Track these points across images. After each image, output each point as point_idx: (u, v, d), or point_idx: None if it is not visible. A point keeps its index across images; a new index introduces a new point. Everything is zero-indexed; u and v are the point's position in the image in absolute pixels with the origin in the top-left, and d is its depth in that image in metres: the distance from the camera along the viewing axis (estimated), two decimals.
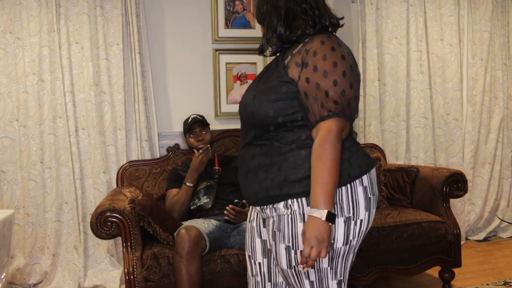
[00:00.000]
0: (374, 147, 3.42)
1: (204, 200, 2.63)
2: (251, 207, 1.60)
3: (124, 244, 2.30)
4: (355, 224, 1.35)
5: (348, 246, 1.37)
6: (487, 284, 2.88)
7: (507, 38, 3.91)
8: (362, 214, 1.36)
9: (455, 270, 2.80)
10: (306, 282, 1.38)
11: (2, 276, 1.89)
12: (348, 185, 1.34)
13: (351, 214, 1.34)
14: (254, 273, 1.56)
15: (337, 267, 1.38)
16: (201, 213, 2.62)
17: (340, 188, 1.33)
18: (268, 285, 1.54)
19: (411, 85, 3.69)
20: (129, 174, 2.97)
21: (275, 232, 1.39)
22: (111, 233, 2.28)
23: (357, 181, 1.36)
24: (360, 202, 1.35)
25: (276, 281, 1.53)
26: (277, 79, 1.37)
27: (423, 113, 3.69)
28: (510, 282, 2.88)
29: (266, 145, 1.40)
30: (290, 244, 1.35)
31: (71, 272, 3.08)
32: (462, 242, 3.44)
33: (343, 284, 1.41)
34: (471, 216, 3.87)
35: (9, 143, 3.03)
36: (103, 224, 2.26)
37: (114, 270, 3.11)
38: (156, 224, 2.35)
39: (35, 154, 3.04)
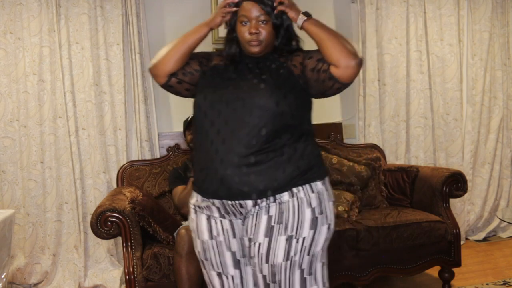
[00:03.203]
0: (374, 147, 3.42)
1: None
2: (216, 218, 1.52)
3: (124, 244, 2.31)
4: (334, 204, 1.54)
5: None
6: (487, 284, 2.88)
7: (507, 38, 3.91)
8: (331, 197, 1.52)
9: (455, 270, 2.80)
10: (297, 272, 1.42)
11: (3, 276, 1.89)
12: (326, 178, 1.50)
13: (334, 199, 1.53)
14: None
15: (324, 250, 1.47)
16: None
17: (323, 180, 1.49)
18: None
19: (411, 85, 3.69)
20: (129, 174, 2.97)
21: (272, 227, 1.42)
22: (111, 233, 2.29)
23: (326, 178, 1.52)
24: (329, 190, 1.52)
25: None
26: (294, 83, 1.48)
27: (423, 113, 3.69)
28: (509, 282, 2.89)
29: (275, 140, 1.42)
30: (294, 233, 1.41)
31: (71, 272, 3.08)
32: (461, 242, 3.43)
33: (325, 266, 1.50)
34: (470, 216, 3.87)
35: (9, 143, 3.03)
36: (103, 224, 2.27)
37: (114, 270, 3.12)
38: (156, 224, 2.36)
39: (35, 154, 3.04)
